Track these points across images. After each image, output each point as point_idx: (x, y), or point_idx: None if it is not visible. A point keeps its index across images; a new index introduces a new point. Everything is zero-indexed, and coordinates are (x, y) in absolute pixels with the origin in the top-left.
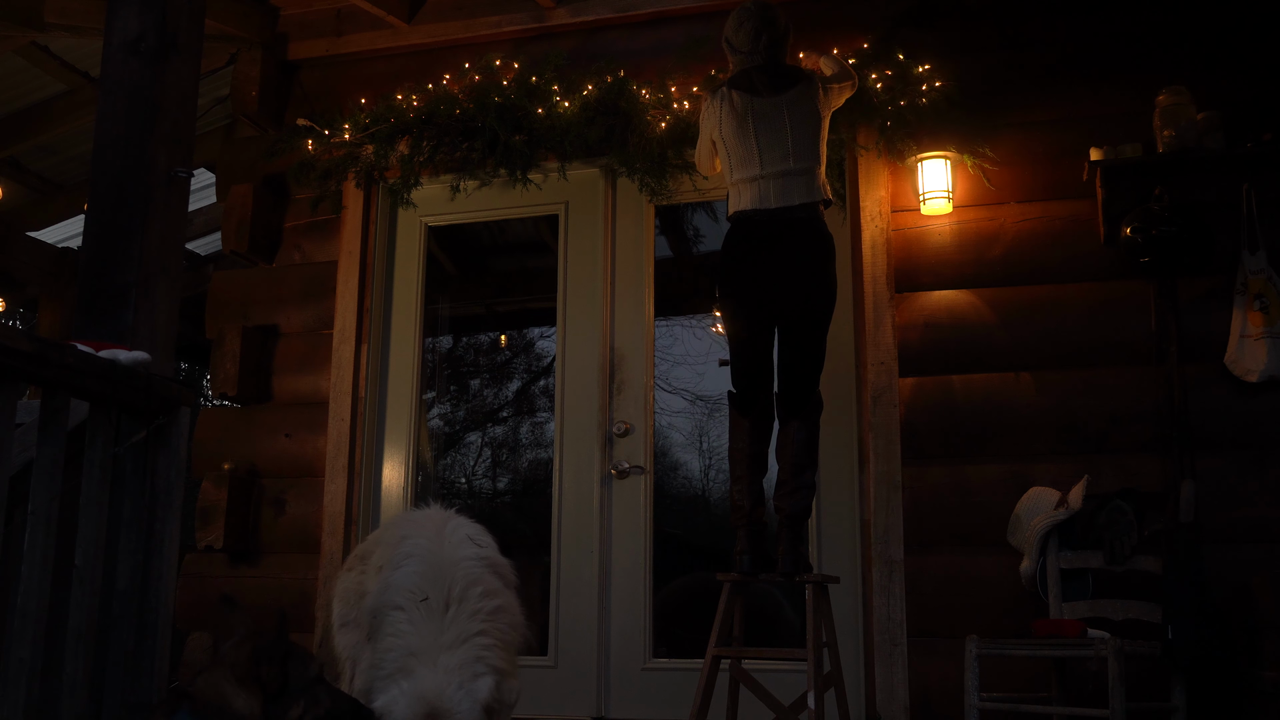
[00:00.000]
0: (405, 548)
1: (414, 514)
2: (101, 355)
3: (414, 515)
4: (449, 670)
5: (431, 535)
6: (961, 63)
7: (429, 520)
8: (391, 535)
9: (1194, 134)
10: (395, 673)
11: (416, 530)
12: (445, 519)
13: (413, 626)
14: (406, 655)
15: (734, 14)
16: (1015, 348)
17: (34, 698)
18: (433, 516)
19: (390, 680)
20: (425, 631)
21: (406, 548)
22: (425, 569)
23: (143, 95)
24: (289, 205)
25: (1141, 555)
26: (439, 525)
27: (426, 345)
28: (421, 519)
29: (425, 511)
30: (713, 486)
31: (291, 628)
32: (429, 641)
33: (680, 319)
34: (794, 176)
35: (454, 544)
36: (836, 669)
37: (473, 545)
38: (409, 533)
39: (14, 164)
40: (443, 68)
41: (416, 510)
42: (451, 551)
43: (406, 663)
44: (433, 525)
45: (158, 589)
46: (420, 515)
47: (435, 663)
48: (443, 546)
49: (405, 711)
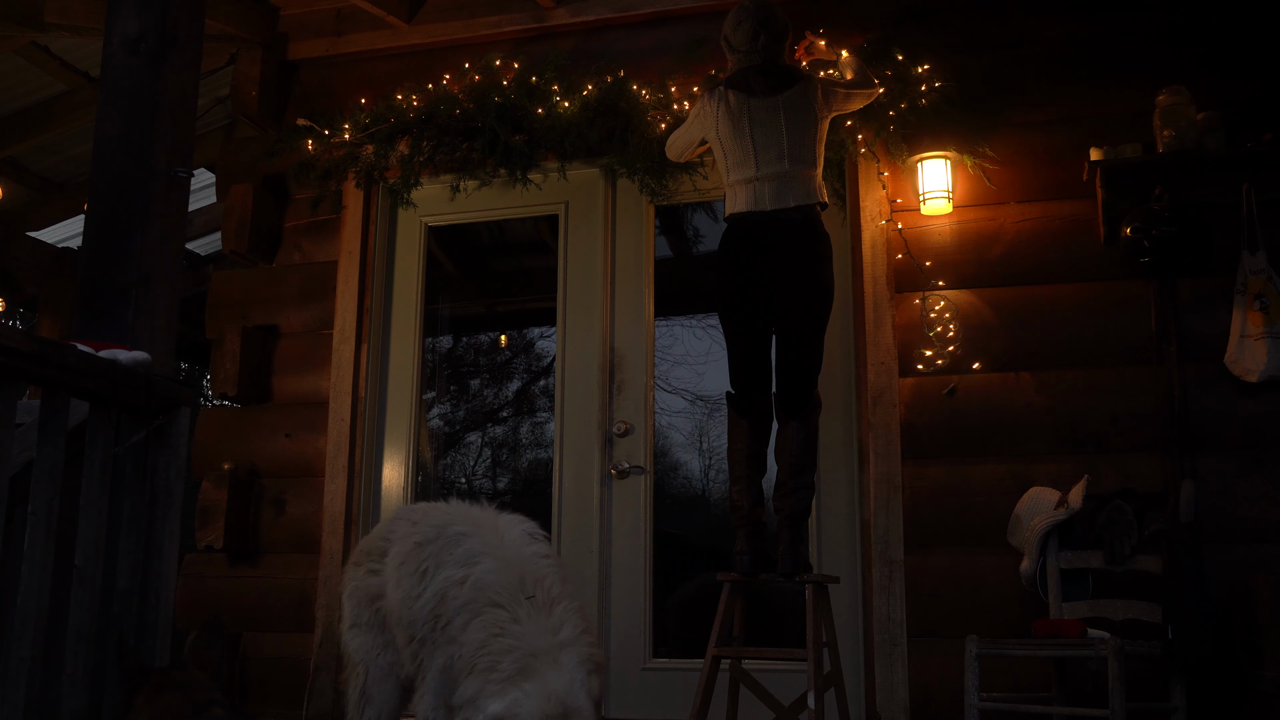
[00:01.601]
0: (468, 546)
1: (444, 510)
2: (101, 355)
3: (448, 511)
4: (571, 667)
5: (490, 533)
6: (961, 62)
7: (472, 516)
8: (428, 538)
9: (1194, 134)
10: (516, 674)
11: (470, 529)
12: (492, 516)
13: (522, 625)
14: (528, 656)
15: (733, 12)
16: (1015, 348)
17: (34, 698)
18: (473, 513)
19: (511, 682)
20: (538, 629)
21: (470, 546)
22: (504, 566)
23: (143, 95)
24: (289, 205)
25: (1141, 555)
26: (491, 523)
27: (426, 345)
28: (462, 515)
29: (451, 507)
30: (713, 486)
31: (291, 628)
32: (547, 640)
33: (680, 319)
34: (789, 178)
35: (517, 540)
36: (836, 669)
37: (535, 541)
38: (462, 530)
39: (14, 164)
40: (443, 68)
41: (429, 505)
42: (518, 548)
43: (528, 663)
44: (484, 522)
45: (158, 589)
46: (456, 511)
47: (557, 661)
48: (505, 543)
49: (538, 712)
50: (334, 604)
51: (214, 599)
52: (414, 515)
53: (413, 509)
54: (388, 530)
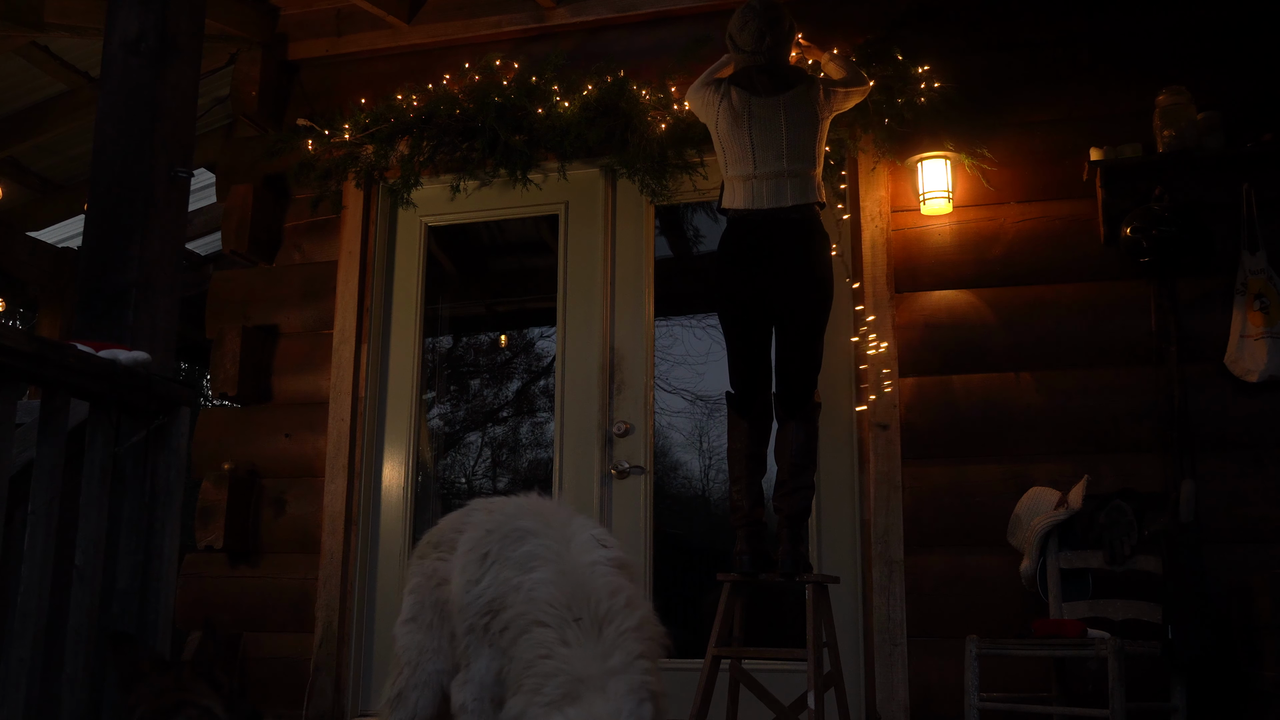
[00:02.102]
0: (530, 547)
1: (518, 503)
2: (101, 355)
3: (521, 505)
4: (619, 696)
5: (556, 536)
6: (961, 62)
7: (544, 514)
8: (497, 526)
9: (1194, 134)
10: (561, 699)
11: (538, 527)
12: (565, 516)
13: (569, 649)
14: (574, 681)
15: (739, 12)
16: (1015, 348)
17: (34, 697)
18: (545, 510)
19: (555, 707)
20: (586, 655)
21: (531, 547)
22: (559, 578)
23: (143, 95)
24: (289, 205)
25: (1141, 555)
26: (561, 523)
27: (426, 345)
28: (534, 510)
29: (527, 501)
30: (713, 486)
31: (291, 628)
32: (595, 667)
33: (680, 319)
34: (787, 178)
35: (582, 546)
36: (836, 669)
37: (600, 547)
38: (529, 527)
39: (14, 164)
40: (443, 68)
41: (512, 499)
42: (581, 555)
43: (574, 688)
44: (554, 522)
45: (158, 589)
46: (530, 506)
47: (605, 689)
48: (570, 549)
49: None
50: (330, 606)
51: (214, 599)
52: (490, 504)
53: (489, 500)
54: (462, 521)
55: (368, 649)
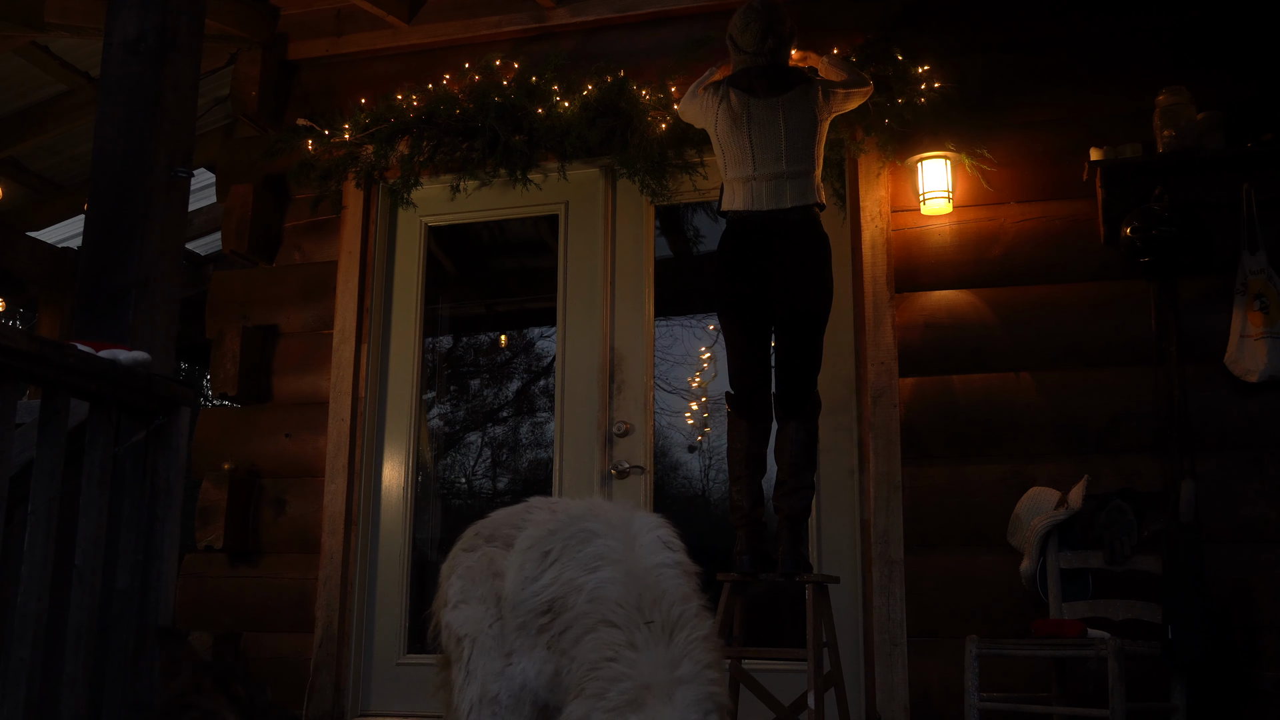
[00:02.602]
0: (595, 548)
1: (582, 504)
2: (101, 355)
3: (585, 506)
4: (686, 706)
5: (623, 535)
6: (961, 62)
7: (607, 515)
8: (561, 526)
9: (1194, 134)
10: (625, 705)
11: (602, 525)
12: (628, 513)
13: (637, 653)
14: (640, 688)
15: (740, 13)
16: (1015, 348)
17: (34, 698)
18: (607, 511)
19: (618, 714)
20: (654, 661)
21: (596, 548)
22: (627, 579)
23: (143, 95)
24: (289, 205)
25: (1141, 555)
26: (625, 521)
27: (426, 345)
28: (598, 512)
29: (590, 503)
30: (713, 486)
31: (291, 628)
32: (663, 674)
33: (680, 319)
34: (786, 179)
35: (648, 547)
36: (836, 669)
37: (667, 550)
38: (594, 527)
39: (14, 164)
40: (443, 68)
41: (574, 500)
42: (648, 557)
43: (640, 695)
44: (619, 520)
45: (158, 589)
46: (593, 508)
47: (671, 698)
48: (635, 549)
49: None
50: (330, 606)
51: (214, 599)
52: (553, 504)
53: (550, 500)
54: (520, 517)
55: (368, 649)
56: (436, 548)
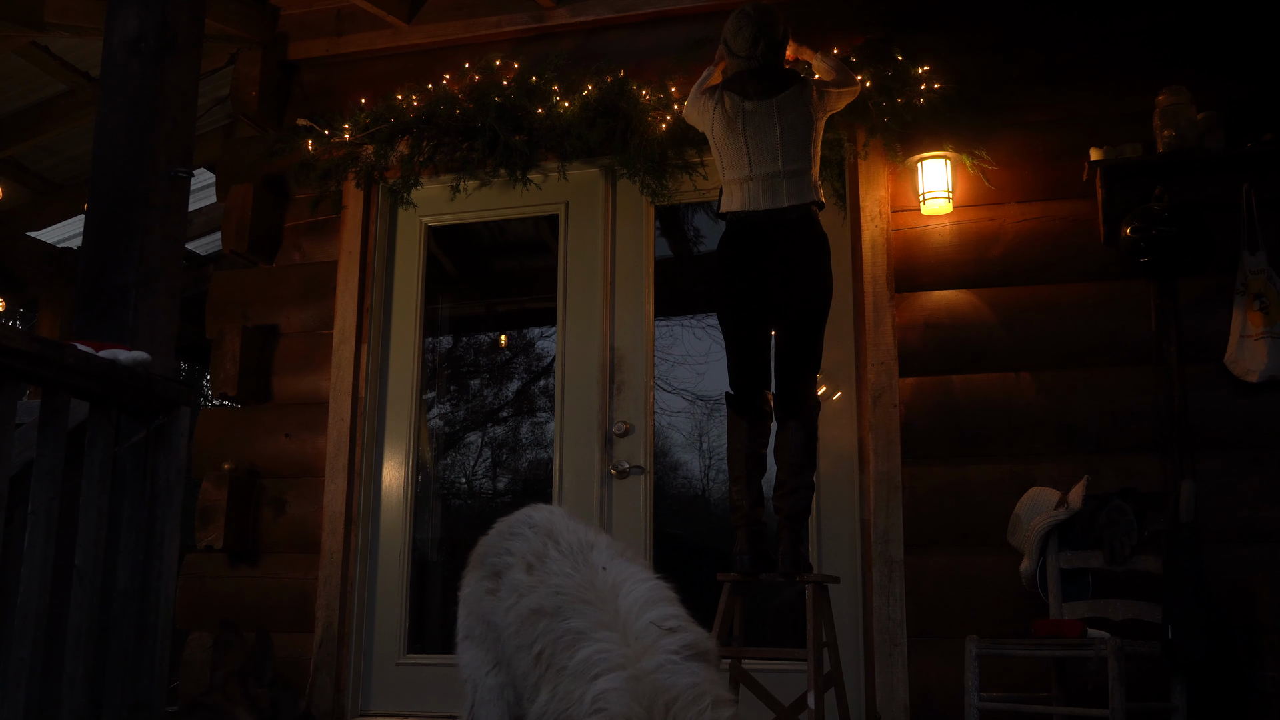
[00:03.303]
0: (588, 652)
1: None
2: (101, 355)
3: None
4: None
5: (613, 624)
6: (961, 63)
7: (591, 591)
8: (542, 606)
9: (1194, 134)
10: None
11: (588, 622)
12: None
13: None
14: None
15: (733, 16)
16: (1015, 348)
17: (34, 698)
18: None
19: None
20: None
21: (589, 652)
22: (632, 686)
23: (143, 95)
24: (289, 205)
25: (1141, 555)
26: (611, 602)
27: (426, 345)
28: (573, 588)
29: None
30: (713, 486)
31: (291, 628)
32: None
33: (680, 319)
34: (782, 178)
35: (645, 643)
36: (836, 669)
37: (667, 635)
38: (579, 626)
39: (14, 164)
40: (443, 68)
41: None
42: (649, 659)
43: None
44: (604, 600)
45: (158, 589)
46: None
47: None
48: (632, 644)
49: None
50: (330, 606)
51: (214, 599)
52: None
53: (531, 522)
54: (505, 543)
55: (368, 649)
56: (436, 548)
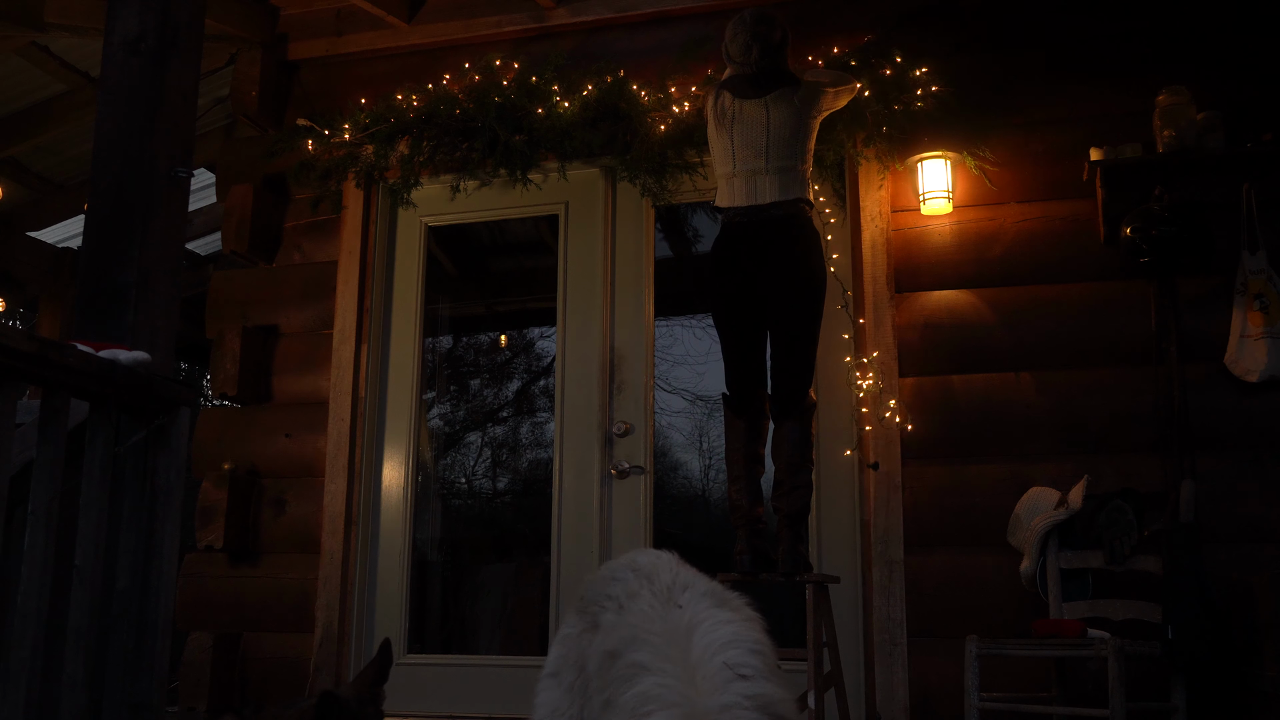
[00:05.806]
0: (644, 686)
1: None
2: (101, 355)
3: (647, 610)
4: None
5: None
6: (961, 62)
7: (667, 628)
8: (616, 649)
9: (1194, 134)
10: None
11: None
12: (690, 626)
13: None
14: None
15: (732, 23)
16: (1015, 348)
17: (34, 698)
18: (668, 620)
19: None
20: None
21: (646, 687)
22: None
23: (143, 95)
24: (289, 205)
25: (1141, 555)
26: (683, 641)
27: (426, 345)
28: (652, 625)
29: (653, 598)
30: (713, 486)
31: (291, 628)
32: None
33: (680, 319)
34: (766, 175)
35: (713, 681)
36: (836, 669)
37: (740, 680)
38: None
39: (14, 164)
40: (443, 68)
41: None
42: (713, 697)
43: None
44: (677, 636)
45: (158, 589)
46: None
47: None
48: (696, 682)
49: None
50: (330, 606)
51: (214, 599)
52: (629, 580)
53: (634, 565)
54: (606, 587)
55: (368, 649)
56: (436, 548)
